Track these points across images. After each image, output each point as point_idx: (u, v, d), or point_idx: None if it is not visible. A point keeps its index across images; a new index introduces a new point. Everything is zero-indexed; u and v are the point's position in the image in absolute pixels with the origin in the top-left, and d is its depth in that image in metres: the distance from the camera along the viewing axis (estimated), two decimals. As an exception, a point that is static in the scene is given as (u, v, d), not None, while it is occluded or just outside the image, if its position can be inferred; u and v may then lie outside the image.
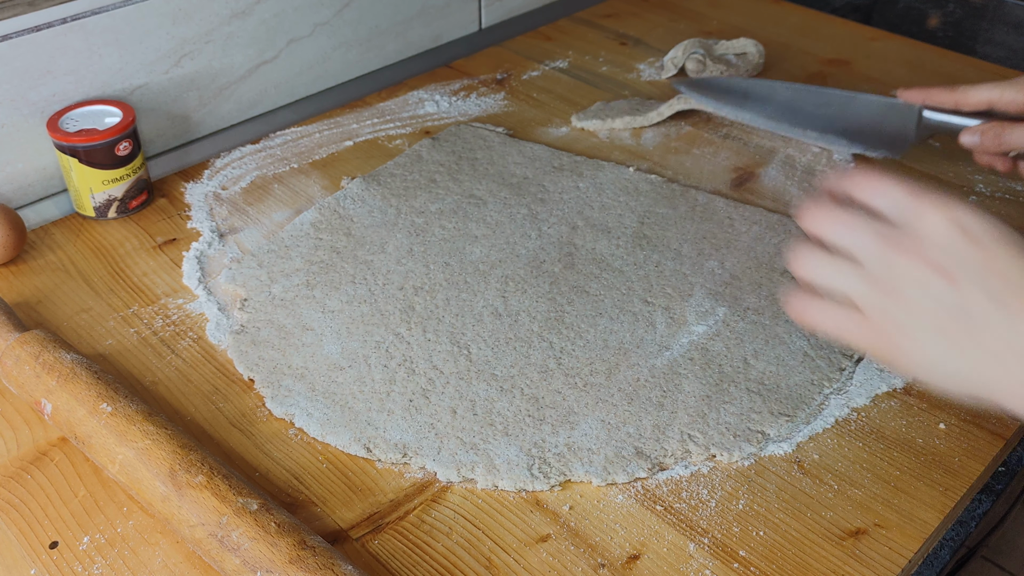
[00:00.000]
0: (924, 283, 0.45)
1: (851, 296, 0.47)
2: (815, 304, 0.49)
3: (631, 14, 1.21)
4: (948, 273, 0.44)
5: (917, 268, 0.45)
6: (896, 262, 0.45)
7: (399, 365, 0.65)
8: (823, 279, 0.48)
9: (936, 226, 0.45)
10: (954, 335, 0.45)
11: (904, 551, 0.54)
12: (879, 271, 0.46)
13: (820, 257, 0.48)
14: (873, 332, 0.47)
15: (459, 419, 0.61)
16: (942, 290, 0.44)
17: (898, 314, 0.46)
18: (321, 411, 0.62)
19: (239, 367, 0.66)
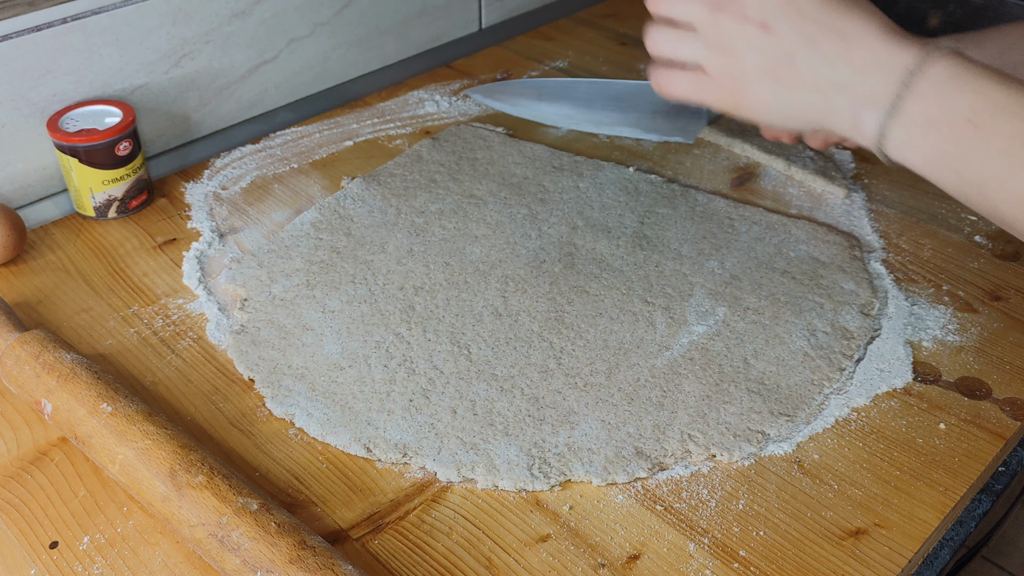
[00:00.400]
0: (747, 37, 0.53)
1: (695, 61, 0.56)
2: (670, 74, 0.58)
3: (631, 14, 1.21)
4: (765, 24, 0.52)
5: (739, 25, 0.53)
6: (722, 23, 0.53)
7: (399, 365, 0.65)
8: (670, 51, 0.57)
9: None
10: (782, 78, 0.53)
11: (904, 551, 0.54)
12: (711, 35, 0.54)
13: (665, 32, 0.57)
14: (718, 88, 0.55)
15: (459, 419, 0.61)
16: (763, 40, 0.53)
17: (734, 68, 0.54)
18: (321, 411, 0.62)
19: (239, 367, 0.66)
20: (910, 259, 0.76)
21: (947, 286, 0.73)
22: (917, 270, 0.75)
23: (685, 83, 0.57)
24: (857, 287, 0.72)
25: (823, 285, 0.72)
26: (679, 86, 0.57)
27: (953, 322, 0.70)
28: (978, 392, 0.64)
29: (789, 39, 0.52)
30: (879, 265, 0.75)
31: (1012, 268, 0.76)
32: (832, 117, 0.53)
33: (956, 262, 0.76)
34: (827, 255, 0.75)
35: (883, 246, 0.78)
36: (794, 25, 0.52)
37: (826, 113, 0.53)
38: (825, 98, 0.52)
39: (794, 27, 0.52)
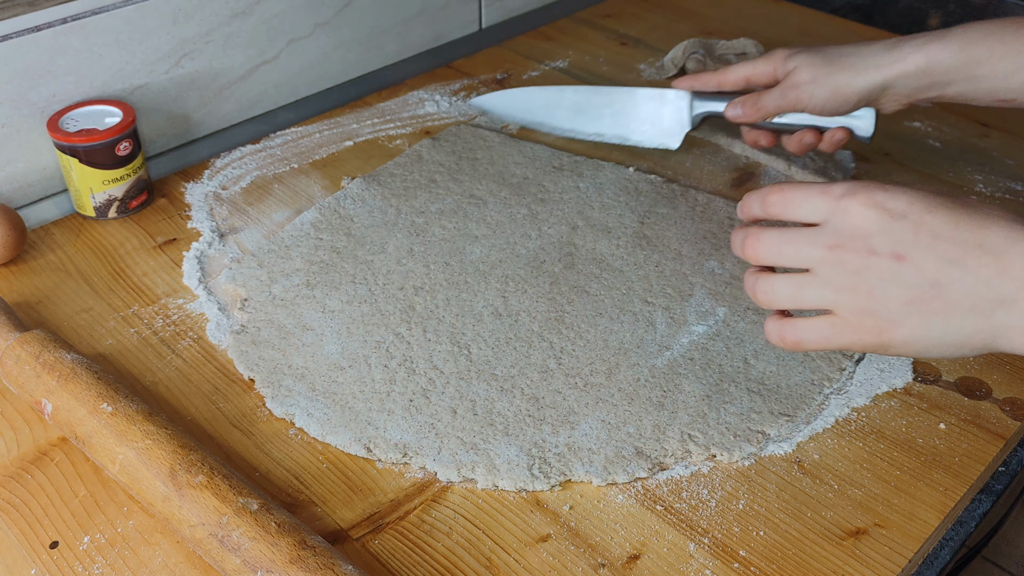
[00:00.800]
0: (881, 272, 0.47)
1: (823, 306, 0.48)
2: (792, 325, 0.50)
3: (631, 14, 1.21)
4: (899, 255, 0.46)
5: (868, 260, 0.47)
6: (847, 261, 0.47)
7: (399, 365, 0.65)
8: (790, 302, 0.50)
9: (862, 216, 0.47)
10: (932, 307, 0.46)
11: (904, 551, 0.54)
12: (836, 276, 0.48)
13: (777, 281, 0.50)
14: (859, 330, 0.48)
15: (459, 419, 0.61)
16: (901, 272, 0.46)
17: (873, 306, 0.47)
18: (321, 411, 0.62)
19: (239, 367, 0.66)
20: (910, 259, 0.76)
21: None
22: (917, 270, 0.75)
23: (817, 332, 0.49)
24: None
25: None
26: (811, 336, 0.50)
27: (953, 322, 0.70)
28: (978, 392, 0.64)
29: (931, 266, 0.46)
30: (879, 265, 0.75)
31: (1012, 268, 0.75)
32: (1005, 335, 0.46)
33: (956, 262, 0.76)
34: (827, 255, 0.75)
35: (883, 246, 0.78)
36: (932, 250, 0.46)
37: (995, 333, 0.46)
38: (990, 318, 0.46)
39: (933, 252, 0.46)
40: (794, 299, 0.49)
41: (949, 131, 0.94)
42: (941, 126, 0.95)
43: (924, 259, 0.46)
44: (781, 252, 0.49)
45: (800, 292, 0.49)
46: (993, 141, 0.93)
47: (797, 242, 0.49)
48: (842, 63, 0.72)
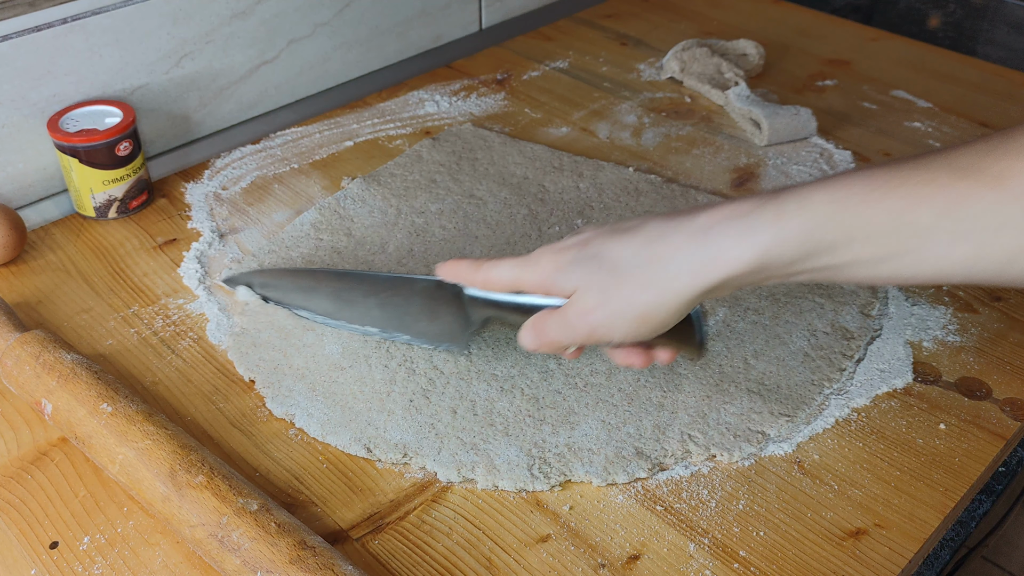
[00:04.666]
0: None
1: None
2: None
3: (631, 14, 1.21)
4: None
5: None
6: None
7: (399, 365, 0.65)
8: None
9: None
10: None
11: (904, 551, 0.54)
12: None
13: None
14: None
15: (459, 419, 0.61)
16: None
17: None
18: (321, 411, 0.62)
19: (239, 368, 0.66)
20: (910, 259, 0.76)
21: (947, 286, 0.73)
22: (917, 270, 0.75)
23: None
24: (857, 287, 0.72)
25: (823, 285, 0.72)
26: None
27: (953, 322, 0.70)
28: (978, 392, 0.64)
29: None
30: (879, 265, 0.75)
31: (1012, 268, 0.75)
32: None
33: (956, 262, 0.76)
34: (827, 255, 0.75)
35: (883, 246, 0.78)
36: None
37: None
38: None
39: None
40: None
41: (949, 131, 0.95)
42: (941, 126, 0.95)
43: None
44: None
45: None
46: (993, 141, 0.93)
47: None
48: (638, 277, 0.50)
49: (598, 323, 0.51)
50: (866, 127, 0.95)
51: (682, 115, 0.98)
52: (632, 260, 0.50)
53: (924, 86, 1.02)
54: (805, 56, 1.10)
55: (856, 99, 1.01)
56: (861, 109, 0.99)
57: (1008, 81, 1.04)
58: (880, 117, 0.97)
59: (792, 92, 1.02)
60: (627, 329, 0.51)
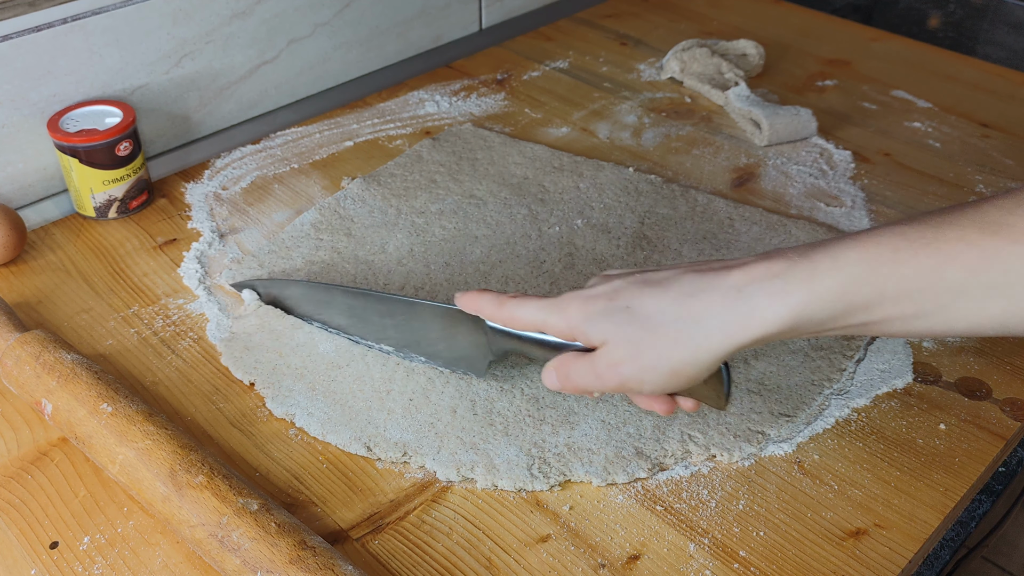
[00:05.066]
0: None
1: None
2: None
3: (631, 14, 1.21)
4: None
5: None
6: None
7: (397, 364, 0.65)
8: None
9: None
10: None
11: (904, 551, 0.54)
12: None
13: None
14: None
15: (459, 418, 0.61)
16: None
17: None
18: (321, 410, 0.62)
19: (236, 373, 0.65)
20: (910, 259, 0.76)
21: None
22: (917, 270, 0.75)
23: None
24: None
25: (823, 285, 0.72)
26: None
27: (953, 322, 0.70)
28: (978, 392, 0.64)
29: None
30: (879, 265, 0.75)
31: (1012, 268, 0.75)
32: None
33: (956, 262, 0.76)
34: (827, 255, 0.75)
35: (883, 246, 0.78)
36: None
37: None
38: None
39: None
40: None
41: (949, 131, 0.95)
42: (941, 126, 0.95)
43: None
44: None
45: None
46: (993, 141, 0.93)
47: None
48: (670, 333, 0.49)
49: (628, 376, 0.51)
50: (866, 127, 0.95)
51: (682, 115, 0.98)
52: (664, 315, 0.49)
53: (924, 86, 1.02)
54: (805, 56, 1.10)
55: (856, 99, 1.01)
56: (861, 109, 0.99)
57: (1008, 81, 1.04)
58: (880, 117, 0.97)
59: (792, 92, 1.02)
60: (657, 383, 0.51)
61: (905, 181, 0.87)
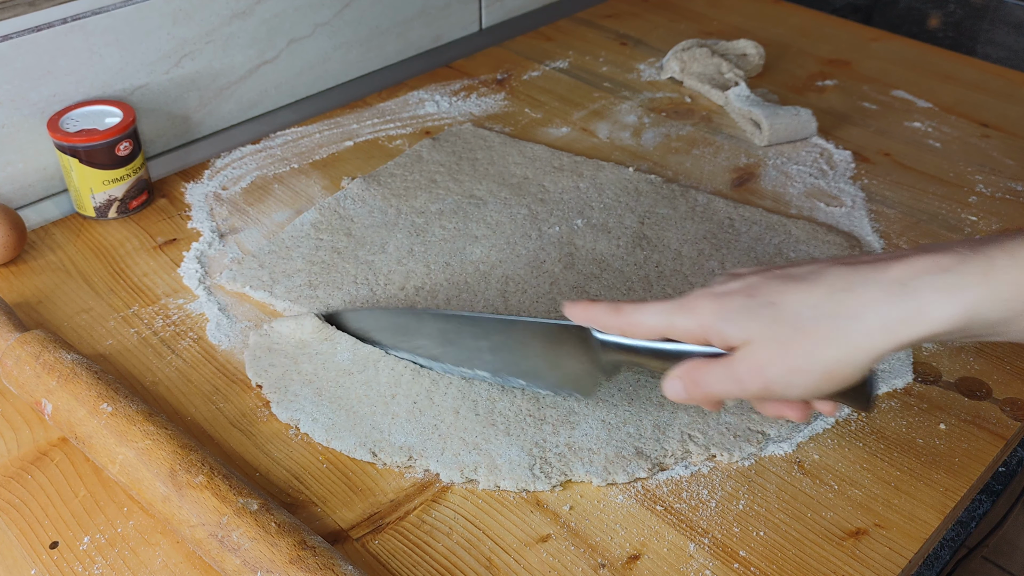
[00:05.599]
0: None
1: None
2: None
3: (631, 14, 1.21)
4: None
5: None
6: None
7: (405, 367, 0.64)
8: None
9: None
10: None
11: (904, 551, 0.54)
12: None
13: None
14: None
15: (462, 419, 0.61)
16: None
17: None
18: (326, 416, 0.61)
19: (249, 372, 0.65)
20: (910, 259, 0.76)
21: None
22: (917, 270, 0.75)
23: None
24: None
25: (823, 285, 0.72)
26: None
27: (953, 322, 0.70)
28: (978, 392, 0.64)
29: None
30: (879, 265, 0.75)
31: (1012, 268, 0.75)
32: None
33: (956, 262, 0.76)
34: (827, 255, 0.75)
35: (883, 246, 0.78)
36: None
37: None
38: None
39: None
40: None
41: (949, 131, 0.95)
42: (941, 126, 0.95)
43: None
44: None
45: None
46: (993, 141, 0.93)
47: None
48: (823, 331, 0.46)
49: (774, 378, 0.47)
50: (866, 127, 0.95)
51: (682, 115, 0.98)
52: (815, 312, 0.46)
53: (924, 86, 1.02)
54: (805, 56, 1.10)
55: (856, 99, 1.01)
56: (861, 109, 0.99)
57: (1008, 81, 1.04)
58: (880, 117, 0.97)
59: (792, 92, 1.02)
60: (808, 385, 0.47)
61: (905, 181, 0.87)
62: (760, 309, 0.47)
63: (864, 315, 0.45)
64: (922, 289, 0.44)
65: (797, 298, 0.46)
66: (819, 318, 0.46)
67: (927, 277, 0.44)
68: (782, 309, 0.46)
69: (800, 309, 0.46)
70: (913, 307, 0.44)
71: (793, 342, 0.46)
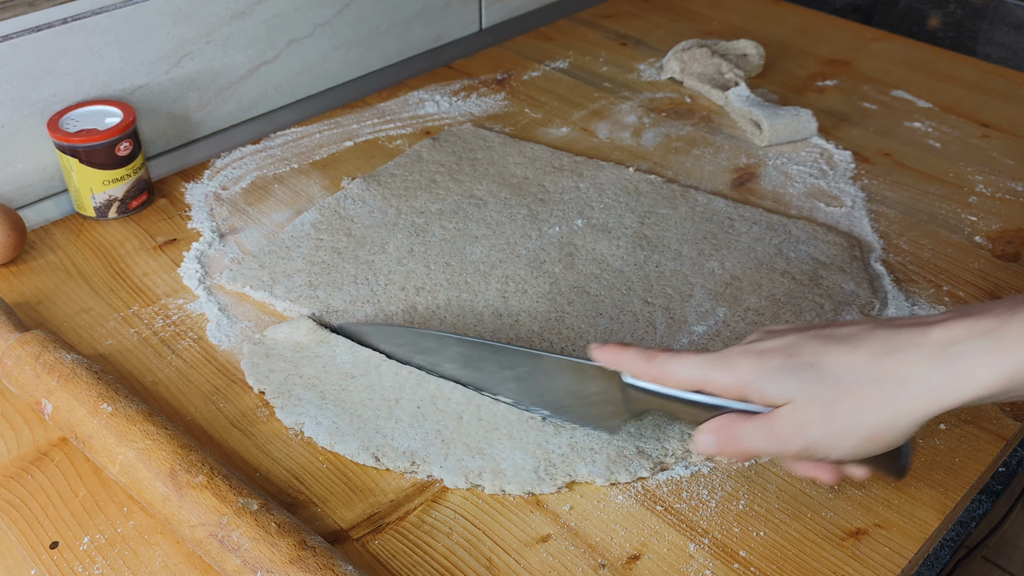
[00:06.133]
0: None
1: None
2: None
3: (631, 14, 1.21)
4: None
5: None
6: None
7: (410, 372, 0.64)
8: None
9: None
10: None
11: (904, 551, 0.54)
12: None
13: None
14: None
15: (465, 424, 0.60)
16: None
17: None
18: (330, 419, 0.61)
19: (249, 379, 0.64)
20: (910, 259, 0.76)
21: (947, 286, 0.73)
22: (917, 270, 0.75)
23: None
24: (857, 287, 0.72)
25: (823, 285, 0.72)
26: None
27: (953, 322, 0.70)
28: (978, 392, 0.64)
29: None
30: (879, 265, 0.75)
31: (1012, 268, 0.76)
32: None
33: (956, 262, 0.76)
34: (827, 255, 0.75)
35: (883, 246, 0.78)
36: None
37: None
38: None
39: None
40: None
41: (949, 131, 0.95)
42: (941, 126, 0.95)
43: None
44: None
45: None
46: (993, 141, 0.93)
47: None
48: (868, 395, 0.46)
49: (817, 439, 0.47)
50: (866, 127, 0.95)
51: (682, 115, 0.98)
52: (859, 375, 0.46)
53: (924, 86, 1.02)
54: (805, 56, 1.10)
55: (856, 99, 1.01)
56: (861, 109, 0.99)
57: (1008, 81, 1.04)
58: (880, 117, 0.97)
59: (792, 92, 1.02)
60: (849, 448, 0.47)
61: (905, 181, 0.87)
62: (802, 369, 0.47)
63: (909, 380, 0.45)
64: (965, 353, 0.44)
65: (839, 359, 0.47)
66: (863, 381, 0.46)
67: (969, 341, 0.44)
68: (824, 370, 0.47)
69: (843, 371, 0.46)
70: (957, 372, 0.44)
71: (837, 404, 0.46)
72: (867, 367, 0.46)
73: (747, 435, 0.49)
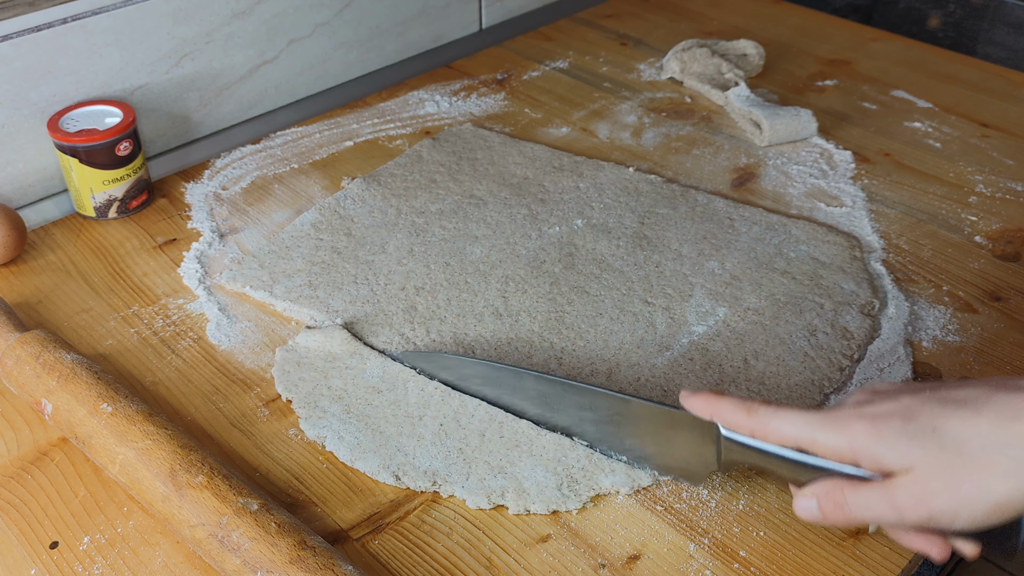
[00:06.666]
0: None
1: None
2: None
3: (631, 14, 1.21)
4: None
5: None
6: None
7: (435, 388, 0.63)
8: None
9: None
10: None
11: (904, 551, 0.54)
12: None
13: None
14: None
15: (487, 442, 0.59)
16: None
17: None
18: (353, 435, 0.60)
19: (279, 387, 0.64)
20: (910, 259, 0.76)
21: (947, 286, 0.73)
22: (917, 270, 0.75)
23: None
24: (857, 287, 0.72)
25: (823, 285, 0.72)
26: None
27: (953, 322, 0.70)
28: (978, 392, 0.64)
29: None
30: (879, 265, 0.75)
31: (1012, 268, 0.76)
32: None
33: (956, 262, 0.76)
34: (827, 255, 0.76)
35: (883, 246, 0.78)
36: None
37: None
38: None
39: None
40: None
41: (949, 131, 0.95)
42: (941, 126, 0.95)
43: None
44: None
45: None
46: (993, 141, 0.93)
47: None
48: (996, 463, 0.43)
49: (941, 510, 0.44)
50: (866, 127, 0.95)
51: (682, 115, 0.98)
52: (985, 442, 0.43)
53: (924, 86, 1.02)
54: (805, 56, 1.10)
55: (856, 99, 1.01)
56: (861, 109, 0.99)
57: (1008, 81, 1.04)
58: (880, 117, 0.97)
59: (792, 92, 1.02)
60: (975, 518, 0.44)
61: (905, 181, 0.87)
62: (922, 435, 0.45)
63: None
64: None
65: (962, 425, 0.44)
66: (990, 448, 0.43)
67: None
68: (946, 436, 0.44)
69: (967, 437, 0.44)
70: None
71: (963, 472, 0.44)
72: (993, 433, 0.43)
73: (860, 503, 0.46)
